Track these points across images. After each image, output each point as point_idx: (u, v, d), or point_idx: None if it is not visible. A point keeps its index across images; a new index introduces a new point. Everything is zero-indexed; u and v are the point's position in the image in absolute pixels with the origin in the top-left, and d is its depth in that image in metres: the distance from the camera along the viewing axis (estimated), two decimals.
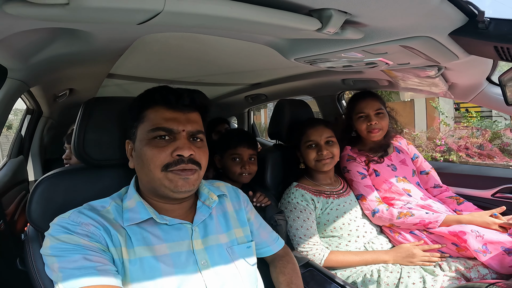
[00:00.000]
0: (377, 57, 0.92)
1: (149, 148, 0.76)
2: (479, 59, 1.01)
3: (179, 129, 0.78)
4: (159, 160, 0.75)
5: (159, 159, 0.75)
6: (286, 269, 0.99)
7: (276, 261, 1.02)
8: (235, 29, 0.71)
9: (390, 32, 0.76)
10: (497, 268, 1.15)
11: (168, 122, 0.78)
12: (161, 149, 0.76)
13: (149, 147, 0.76)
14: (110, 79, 1.74)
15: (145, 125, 0.79)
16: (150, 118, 0.79)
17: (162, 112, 0.79)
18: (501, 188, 1.61)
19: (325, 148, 1.41)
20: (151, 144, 0.77)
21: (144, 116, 0.80)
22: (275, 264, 1.01)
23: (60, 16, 0.47)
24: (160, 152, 0.76)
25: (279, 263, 1.01)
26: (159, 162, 0.75)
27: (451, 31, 0.76)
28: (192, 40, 1.13)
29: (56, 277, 0.65)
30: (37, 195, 0.83)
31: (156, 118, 0.78)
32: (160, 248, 0.75)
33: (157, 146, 0.76)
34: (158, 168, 0.75)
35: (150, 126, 0.78)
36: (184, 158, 0.76)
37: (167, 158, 0.76)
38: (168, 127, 0.77)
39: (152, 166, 0.75)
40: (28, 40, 0.74)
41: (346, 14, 0.64)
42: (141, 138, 0.79)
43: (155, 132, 0.77)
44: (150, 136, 0.77)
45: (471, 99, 1.60)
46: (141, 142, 0.78)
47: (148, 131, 0.78)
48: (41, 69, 0.98)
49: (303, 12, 0.64)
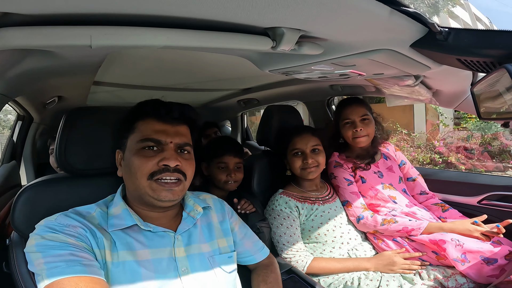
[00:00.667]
0: (347, 69, 0.93)
1: (137, 158, 0.80)
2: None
3: (167, 141, 0.82)
4: (146, 169, 0.79)
5: (146, 168, 0.79)
6: (269, 278, 1.00)
7: (259, 269, 1.04)
8: (192, 49, 0.72)
9: (350, 46, 0.76)
10: (475, 278, 1.15)
11: (157, 133, 0.82)
12: (149, 159, 0.79)
13: (137, 157, 0.80)
14: (99, 86, 1.75)
15: (135, 135, 0.83)
16: (140, 129, 0.83)
17: (152, 124, 0.83)
18: (488, 195, 1.60)
19: (311, 156, 1.42)
20: (139, 153, 0.80)
21: (135, 127, 0.84)
22: (258, 273, 1.03)
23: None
24: (147, 162, 0.79)
25: (262, 272, 1.03)
26: (146, 171, 0.79)
27: (412, 43, 0.76)
28: (171, 52, 1.14)
29: (40, 271, 0.65)
30: (21, 203, 0.84)
31: (146, 129, 0.82)
32: (143, 253, 0.78)
33: (145, 156, 0.80)
34: (145, 176, 0.79)
35: (139, 136, 0.82)
36: (169, 168, 0.80)
37: (153, 167, 0.79)
38: (157, 138, 0.81)
39: (139, 174, 0.79)
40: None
41: (300, 31, 0.65)
42: (130, 148, 0.83)
43: (144, 142, 0.81)
44: (139, 146, 0.81)
45: (456, 106, 1.60)
46: (130, 151, 0.82)
47: (138, 141, 0.81)
48: (20, 81, 0.99)
49: (257, 31, 0.64)
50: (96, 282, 0.66)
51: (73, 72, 1.09)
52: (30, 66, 0.87)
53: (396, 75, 1.07)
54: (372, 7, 0.56)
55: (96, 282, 0.66)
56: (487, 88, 0.85)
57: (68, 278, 0.64)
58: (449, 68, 0.99)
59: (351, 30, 0.66)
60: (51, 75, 1.09)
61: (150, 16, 0.50)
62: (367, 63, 0.86)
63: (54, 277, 0.64)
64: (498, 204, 1.56)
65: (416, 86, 1.25)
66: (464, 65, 0.80)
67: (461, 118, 6.77)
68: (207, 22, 0.56)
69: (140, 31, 0.52)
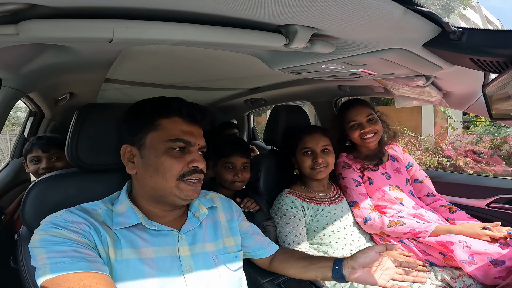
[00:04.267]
0: (357, 68, 0.93)
1: (168, 158, 0.80)
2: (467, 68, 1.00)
3: (196, 143, 0.84)
4: (177, 170, 0.80)
5: (177, 168, 0.80)
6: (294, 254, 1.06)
7: (278, 254, 1.07)
8: (206, 45, 0.73)
9: (362, 45, 0.76)
10: (482, 279, 1.15)
11: (187, 135, 0.83)
12: (178, 160, 0.81)
13: (167, 157, 0.80)
14: (109, 84, 1.78)
15: (160, 133, 0.82)
16: (167, 127, 0.82)
17: (179, 123, 0.84)
18: (496, 198, 1.58)
19: (321, 156, 1.41)
20: (169, 153, 0.81)
21: (158, 124, 0.82)
22: (280, 257, 1.06)
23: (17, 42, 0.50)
24: (178, 162, 0.81)
25: (285, 255, 1.06)
26: (176, 172, 0.80)
27: (425, 42, 0.76)
28: (183, 49, 1.15)
29: (42, 265, 0.66)
30: (31, 197, 0.86)
31: (174, 129, 0.82)
32: (146, 251, 0.78)
33: (174, 156, 0.81)
34: (174, 177, 0.80)
35: (168, 136, 0.81)
36: (198, 169, 0.82)
37: (184, 168, 0.81)
38: (187, 140, 0.82)
39: (169, 174, 0.80)
40: (16, 53, 0.77)
41: (313, 29, 0.65)
42: (155, 147, 0.81)
43: (175, 143, 0.81)
44: (168, 146, 0.81)
45: (467, 108, 1.58)
46: (156, 150, 0.81)
47: (166, 140, 0.81)
48: (35, 77, 1.01)
49: (271, 28, 0.65)
50: (101, 278, 0.66)
51: (87, 68, 1.11)
52: (46, 62, 0.89)
53: (406, 75, 1.06)
54: (386, 6, 0.56)
55: (101, 278, 0.66)
56: (499, 89, 0.85)
57: (73, 274, 0.64)
58: (460, 69, 0.98)
59: (364, 29, 0.67)
60: (65, 71, 1.11)
61: (169, 11, 0.51)
62: (378, 62, 0.86)
63: (59, 272, 0.64)
64: (506, 207, 1.55)
65: (427, 87, 1.24)
66: (476, 65, 0.80)
67: (470, 122, 6.68)
68: (222, 18, 0.57)
69: (159, 25, 0.53)
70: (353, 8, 0.57)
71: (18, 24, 0.48)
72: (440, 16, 0.63)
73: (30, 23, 0.48)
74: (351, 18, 0.60)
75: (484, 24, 1.29)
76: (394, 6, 0.57)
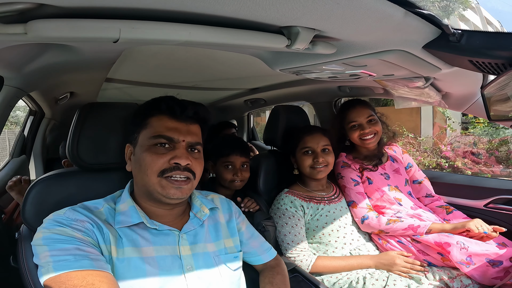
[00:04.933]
0: (358, 69, 0.94)
1: (149, 154, 0.80)
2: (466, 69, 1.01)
3: (179, 139, 0.83)
4: (157, 166, 0.79)
5: (157, 165, 0.79)
6: (275, 279, 1.00)
7: (266, 271, 1.04)
8: (209, 46, 0.74)
9: (362, 46, 0.77)
10: (479, 279, 1.16)
11: (170, 131, 0.82)
12: (160, 156, 0.80)
13: (148, 153, 0.80)
14: (110, 83, 1.78)
15: (147, 131, 0.83)
16: (153, 125, 0.83)
17: (165, 121, 0.84)
18: (494, 199, 1.59)
19: (321, 155, 1.42)
20: (151, 150, 0.81)
21: (147, 123, 0.84)
22: (265, 274, 1.03)
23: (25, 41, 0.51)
24: (159, 158, 0.80)
25: (268, 273, 1.02)
26: (156, 168, 0.79)
27: (425, 44, 0.76)
28: (183, 49, 1.16)
29: (45, 263, 0.66)
30: (32, 196, 0.86)
31: (158, 126, 0.83)
32: (147, 250, 0.79)
33: (156, 152, 0.81)
34: (155, 173, 0.79)
35: (152, 133, 0.82)
36: (180, 166, 0.80)
37: (164, 165, 0.80)
38: (169, 136, 0.82)
39: (150, 171, 0.79)
40: (18, 52, 0.78)
41: (315, 30, 0.66)
42: (141, 144, 0.83)
43: (156, 139, 0.81)
44: (151, 143, 0.81)
45: (466, 109, 1.59)
46: (142, 147, 0.82)
47: (150, 137, 0.82)
48: (36, 76, 1.01)
49: (273, 29, 0.66)
50: (104, 276, 0.67)
51: (88, 68, 1.11)
52: (48, 61, 0.89)
53: (406, 76, 1.07)
54: (387, 8, 0.57)
55: (104, 276, 0.67)
56: (498, 90, 0.86)
57: (76, 272, 0.65)
58: (459, 70, 0.99)
59: (365, 31, 0.68)
60: (67, 71, 1.12)
61: (174, 11, 0.52)
62: (379, 63, 0.87)
63: (62, 270, 0.64)
64: (504, 207, 1.56)
65: (426, 88, 1.25)
66: (475, 67, 0.81)
67: (469, 123, 6.70)
68: (226, 19, 0.57)
69: (164, 26, 0.54)
70: (355, 11, 0.57)
71: (26, 24, 0.49)
72: (440, 18, 0.63)
73: (38, 23, 0.48)
74: (353, 20, 0.61)
75: (484, 25, 1.30)
76: (395, 8, 0.58)
